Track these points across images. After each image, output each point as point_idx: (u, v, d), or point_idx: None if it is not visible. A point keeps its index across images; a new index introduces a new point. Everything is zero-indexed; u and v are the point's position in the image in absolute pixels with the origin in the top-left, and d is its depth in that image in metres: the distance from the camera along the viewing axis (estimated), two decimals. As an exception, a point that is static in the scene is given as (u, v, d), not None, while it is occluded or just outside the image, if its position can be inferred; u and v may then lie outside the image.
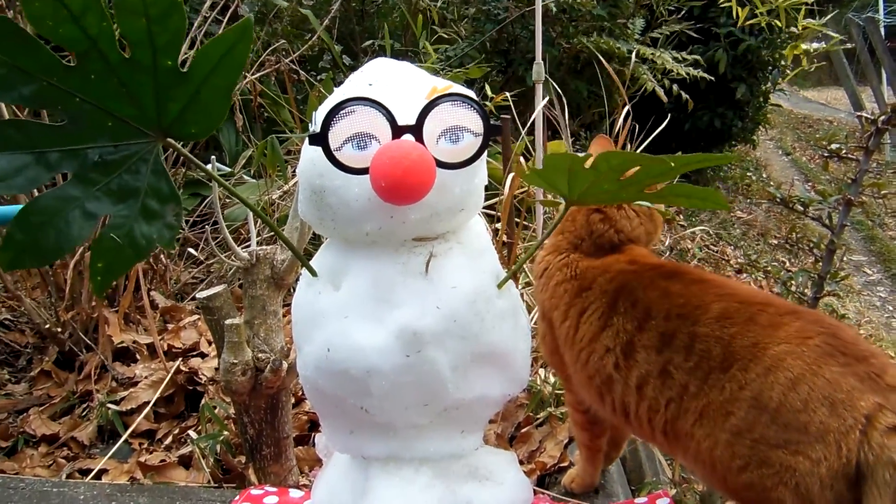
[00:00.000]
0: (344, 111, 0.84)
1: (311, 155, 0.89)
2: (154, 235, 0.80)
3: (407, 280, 0.92)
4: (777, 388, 0.92)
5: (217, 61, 0.75)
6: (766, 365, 0.94)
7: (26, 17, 0.70)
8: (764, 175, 7.92)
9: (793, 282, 1.50)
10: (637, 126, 3.29)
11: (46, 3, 0.69)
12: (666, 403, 1.03)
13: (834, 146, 1.40)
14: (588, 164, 0.85)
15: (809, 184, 7.62)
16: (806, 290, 1.48)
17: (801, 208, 1.42)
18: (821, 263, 1.44)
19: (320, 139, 0.85)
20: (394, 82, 0.91)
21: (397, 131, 0.85)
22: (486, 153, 0.91)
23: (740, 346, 0.97)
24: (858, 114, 1.46)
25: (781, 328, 0.97)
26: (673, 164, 0.79)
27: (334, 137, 0.85)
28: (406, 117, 0.86)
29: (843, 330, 0.99)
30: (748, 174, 7.55)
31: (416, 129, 0.85)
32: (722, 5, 2.58)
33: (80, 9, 0.70)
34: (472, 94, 0.89)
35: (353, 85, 0.91)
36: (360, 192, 0.87)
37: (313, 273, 0.97)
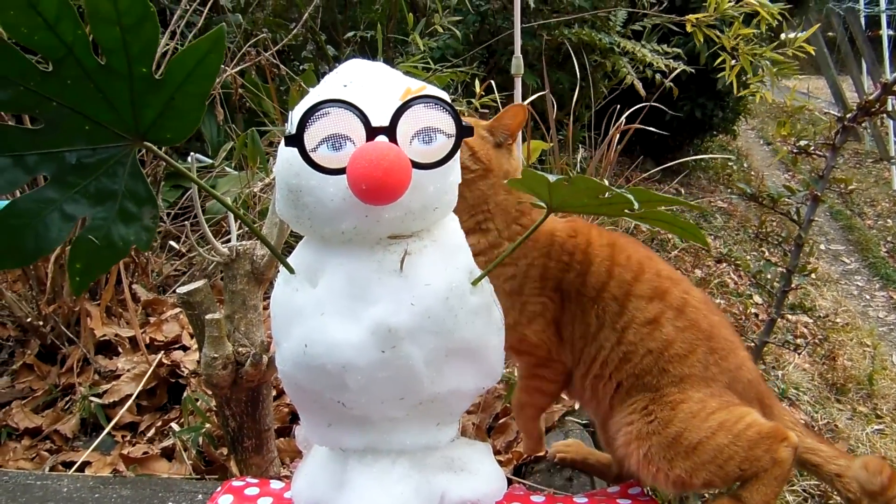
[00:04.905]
0: (319, 113, 0.86)
1: (287, 155, 0.91)
2: (132, 237, 0.82)
3: (382, 277, 0.94)
4: None
5: (191, 70, 0.77)
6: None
7: (0, 24, 0.71)
8: (745, 165, 7.98)
9: (762, 274, 1.54)
10: (620, 116, 3.32)
11: (20, 12, 0.70)
12: (644, 353, 1.12)
13: (802, 143, 1.44)
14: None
15: (790, 173, 7.69)
16: (776, 283, 1.52)
17: (770, 203, 1.46)
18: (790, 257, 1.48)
19: (296, 140, 0.86)
20: (368, 84, 0.92)
21: (371, 132, 0.87)
22: (458, 153, 0.93)
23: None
24: (826, 111, 1.50)
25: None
26: (636, 203, 0.84)
27: (310, 138, 0.87)
28: (380, 118, 0.87)
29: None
30: (729, 164, 7.61)
31: (390, 131, 0.87)
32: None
33: (55, 17, 0.71)
34: (445, 95, 0.91)
35: (328, 86, 0.93)
36: (335, 191, 0.89)
37: (291, 270, 0.99)
